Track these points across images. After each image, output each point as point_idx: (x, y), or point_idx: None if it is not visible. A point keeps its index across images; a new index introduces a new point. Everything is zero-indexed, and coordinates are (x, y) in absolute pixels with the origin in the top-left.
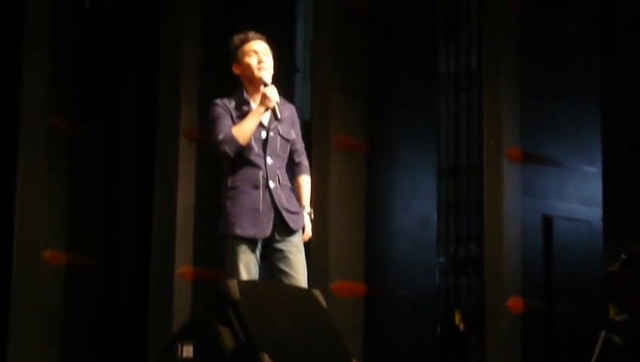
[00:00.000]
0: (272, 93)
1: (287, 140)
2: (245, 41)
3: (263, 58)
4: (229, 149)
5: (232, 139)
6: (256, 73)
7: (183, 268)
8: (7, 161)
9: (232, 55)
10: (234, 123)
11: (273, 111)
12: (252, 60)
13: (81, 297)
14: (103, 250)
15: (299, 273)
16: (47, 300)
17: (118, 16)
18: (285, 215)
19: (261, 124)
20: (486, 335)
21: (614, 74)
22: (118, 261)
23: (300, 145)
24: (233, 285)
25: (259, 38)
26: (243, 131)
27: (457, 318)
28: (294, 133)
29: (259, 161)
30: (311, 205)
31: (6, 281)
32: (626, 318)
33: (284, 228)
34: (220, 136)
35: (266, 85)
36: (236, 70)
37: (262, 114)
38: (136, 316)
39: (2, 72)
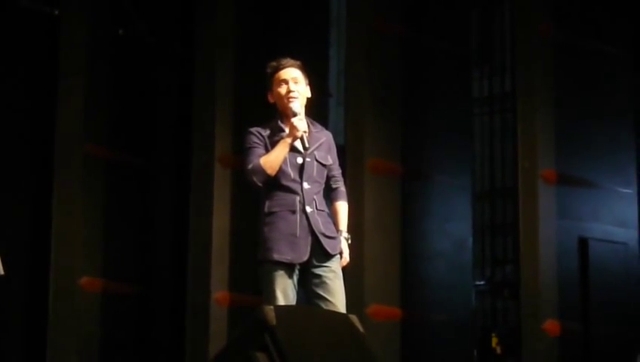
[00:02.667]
0: (300, 123)
1: (323, 166)
2: (277, 69)
3: (293, 87)
4: (257, 179)
5: (260, 170)
6: (286, 103)
7: (219, 293)
8: (43, 188)
9: (266, 83)
10: (267, 151)
11: (302, 140)
12: (282, 90)
13: (118, 324)
14: (139, 276)
15: (337, 298)
16: (83, 327)
17: (152, 43)
18: (323, 240)
19: (297, 150)
20: (523, 358)
21: None
22: (154, 287)
23: (337, 171)
24: (270, 311)
25: (291, 65)
26: (270, 162)
27: (494, 341)
28: (331, 159)
29: (295, 186)
30: (347, 230)
31: (43, 308)
32: None
33: (321, 253)
34: (249, 166)
35: (294, 115)
36: (270, 99)
37: (289, 144)
38: (172, 342)
39: (38, 99)
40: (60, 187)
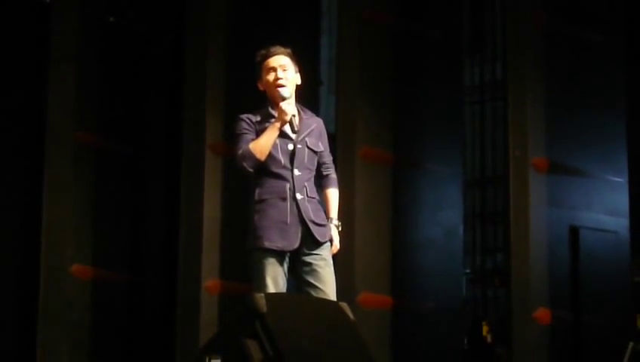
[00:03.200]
0: (288, 107)
1: (314, 152)
2: (266, 57)
3: (281, 75)
4: (246, 165)
5: (249, 155)
6: (274, 90)
7: (210, 281)
8: (34, 176)
9: (256, 71)
10: (257, 137)
11: (290, 124)
12: (270, 77)
13: (108, 311)
14: (130, 263)
15: (327, 286)
16: (74, 314)
17: (143, 31)
18: (312, 227)
19: (288, 137)
20: (513, 346)
21: None
22: (144, 275)
23: (328, 158)
24: (260, 298)
25: (280, 53)
26: (260, 146)
27: (484, 330)
28: (322, 146)
29: (286, 173)
30: (338, 218)
31: (33, 295)
32: None
33: (311, 241)
34: (239, 152)
35: (283, 99)
36: (260, 86)
37: (279, 128)
38: (163, 329)
39: (28, 86)
40: (51, 175)
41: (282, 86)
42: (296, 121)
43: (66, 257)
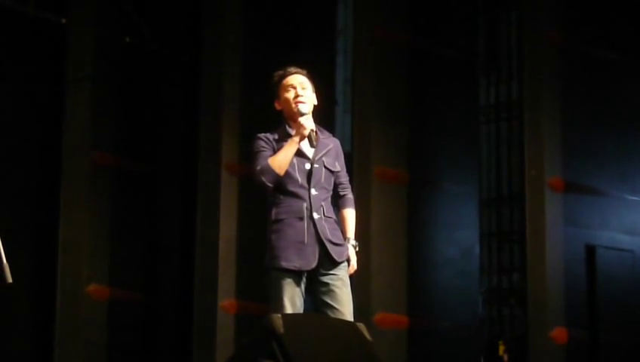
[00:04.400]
0: (307, 121)
1: (331, 172)
2: (284, 76)
3: (300, 92)
4: (266, 180)
5: (268, 170)
6: (294, 108)
7: (226, 301)
8: (50, 196)
9: (273, 91)
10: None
11: (309, 138)
12: (289, 95)
13: (125, 331)
14: (146, 283)
15: (344, 306)
16: (90, 334)
17: (159, 51)
18: (329, 247)
19: (305, 156)
20: None
21: None
22: (161, 295)
23: (345, 178)
24: (277, 319)
25: (298, 72)
26: (279, 161)
27: (501, 349)
28: (339, 166)
29: (303, 192)
30: (355, 238)
31: (50, 315)
32: None
33: (328, 261)
34: (258, 168)
35: (302, 115)
36: (277, 106)
37: (297, 143)
38: (179, 350)
39: (45, 107)
40: (67, 195)
41: (302, 103)
42: (314, 135)
43: (82, 277)
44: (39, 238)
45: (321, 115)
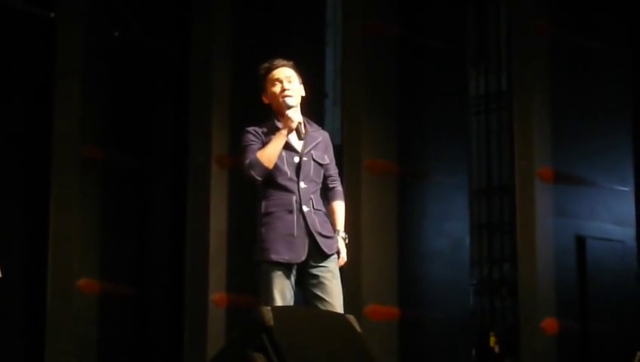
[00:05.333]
0: (294, 114)
1: (320, 165)
2: (270, 69)
3: (287, 85)
4: (255, 173)
5: (257, 163)
6: (280, 101)
7: (217, 294)
8: (40, 190)
9: (260, 84)
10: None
11: (297, 131)
12: (276, 89)
13: (116, 325)
14: (137, 277)
15: (334, 298)
16: (81, 328)
17: (148, 44)
18: (319, 239)
19: (294, 149)
20: (521, 356)
21: None
22: (151, 288)
23: (334, 171)
24: (267, 311)
25: (284, 65)
26: (267, 154)
27: (492, 340)
28: (328, 158)
29: (292, 185)
30: (345, 230)
31: (41, 310)
32: None
33: (318, 253)
34: (247, 161)
35: (289, 108)
36: (265, 99)
37: (285, 136)
38: (170, 343)
39: (34, 101)
40: (57, 188)
41: (289, 96)
42: (302, 128)
43: (73, 271)
44: (29, 232)
45: (310, 107)
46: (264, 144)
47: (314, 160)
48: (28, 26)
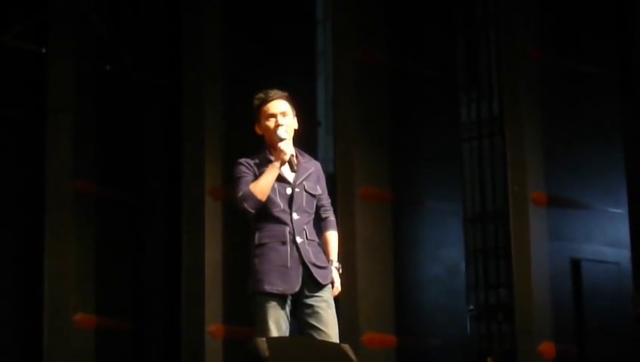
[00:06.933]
0: (286, 146)
1: (313, 196)
2: (265, 101)
3: (281, 121)
4: (247, 206)
5: (250, 196)
6: (274, 136)
7: (213, 326)
8: (34, 226)
9: (254, 115)
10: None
11: (290, 163)
12: (270, 124)
13: (113, 359)
14: (133, 311)
15: (329, 328)
16: None
17: (140, 78)
18: (313, 270)
19: (286, 181)
20: None
21: (637, 115)
22: (148, 322)
23: (327, 201)
24: (262, 343)
25: (279, 98)
26: (260, 187)
27: None
28: (320, 189)
29: (285, 217)
30: (338, 259)
31: (37, 345)
32: None
33: (312, 284)
34: (239, 194)
35: (281, 140)
36: (258, 130)
37: (278, 168)
38: None
39: (26, 137)
40: (51, 224)
41: (282, 130)
42: (294, 160)
43: (69, 306)
44: (25, 268)
45: (303, 136)
46: (256, 176)
47: (306, 191)
48: (19, 61)
